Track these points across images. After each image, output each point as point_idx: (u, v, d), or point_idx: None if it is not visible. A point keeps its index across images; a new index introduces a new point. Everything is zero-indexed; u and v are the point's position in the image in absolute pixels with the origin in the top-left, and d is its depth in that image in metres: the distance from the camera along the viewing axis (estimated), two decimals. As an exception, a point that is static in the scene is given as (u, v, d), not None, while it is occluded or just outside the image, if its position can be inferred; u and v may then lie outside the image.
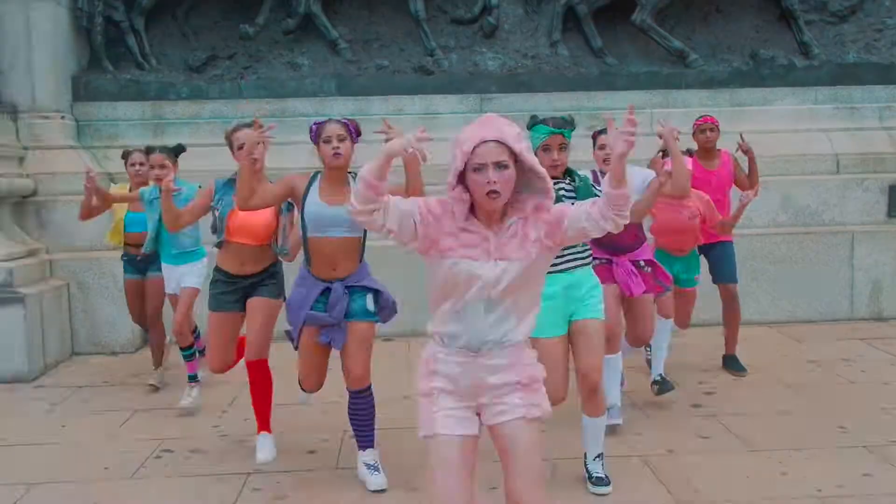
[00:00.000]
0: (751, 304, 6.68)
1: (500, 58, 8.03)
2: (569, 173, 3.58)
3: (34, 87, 7.14)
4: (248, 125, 4.03)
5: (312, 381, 3.90)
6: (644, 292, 4.34)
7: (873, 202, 7.42)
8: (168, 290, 5.29)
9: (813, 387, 5.18)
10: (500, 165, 2.24)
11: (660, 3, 7.86)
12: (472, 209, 2.36)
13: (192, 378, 5.08)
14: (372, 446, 3.86)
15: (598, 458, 3.71)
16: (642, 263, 4.37)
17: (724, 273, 5.54)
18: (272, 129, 3.79)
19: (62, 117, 7.29)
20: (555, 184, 3.07)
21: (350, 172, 3.67)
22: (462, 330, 2.34)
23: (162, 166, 5.02)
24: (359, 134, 3.71)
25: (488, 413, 2.38)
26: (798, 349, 6.23)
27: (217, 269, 4.27)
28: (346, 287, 3.67)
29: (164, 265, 5.23)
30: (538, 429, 2.38)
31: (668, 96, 7.82)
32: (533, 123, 3.58)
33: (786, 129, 7.67)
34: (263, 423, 4.23)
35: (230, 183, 4.17)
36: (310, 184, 3.64)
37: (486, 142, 2.25)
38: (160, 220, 4.81)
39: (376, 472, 3.78)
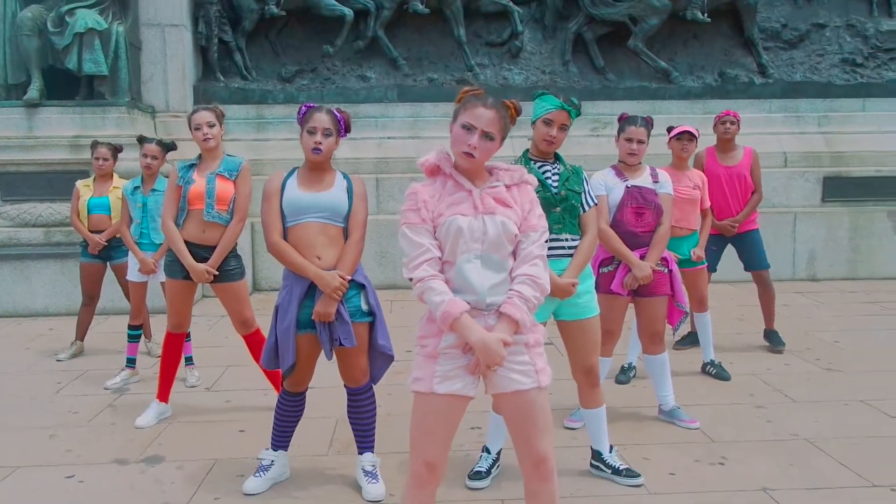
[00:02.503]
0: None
1: (524, 73, 9.61)
2: (557, 158, 3.27)
3: (168, 94, 8.72)
4: (206, 107, 4.24)
5: (306, 381, 3.39)
6: (653, 294, 3.97)
7: (811, 190, 9.01)
8: (134, 278, 5.16)
9: (760, 317, 6.70)
10: (487, 135, 2.29)
11: (649, 31, 9.41)
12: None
13: (131, 362, 5.13)
14: (371, 450, 3.41)
15: (613, 451, 3.48)
16: (659, 264, 3.96)
17: (753, 261, 5.56)
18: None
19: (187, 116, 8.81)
20: (541, 165, 3.20)
21: (343, 174, 3.34)
22: (465, 287, 2.27)
23: (154, 157, 5.05)
24: (348, 130, 3.30)
25: (496, 377, 2.30)
26: (749, 298, 7.77)
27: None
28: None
29: (143, 252, 5.06)
30: (546, 392, 2.35)
31: (654, 105, 9.38)
32: (541, 94, 3.18)
33: (746, 133, 9.11)
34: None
35: (192, 167, 4.14)
36: (287, 178, 3.24)
37: (486, 107, 2.29)
38: (144, 209, 5.06)
39: (374, 481, 3.32)
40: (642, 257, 3.90)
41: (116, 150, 5.75)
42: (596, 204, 3.32)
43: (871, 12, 9.94)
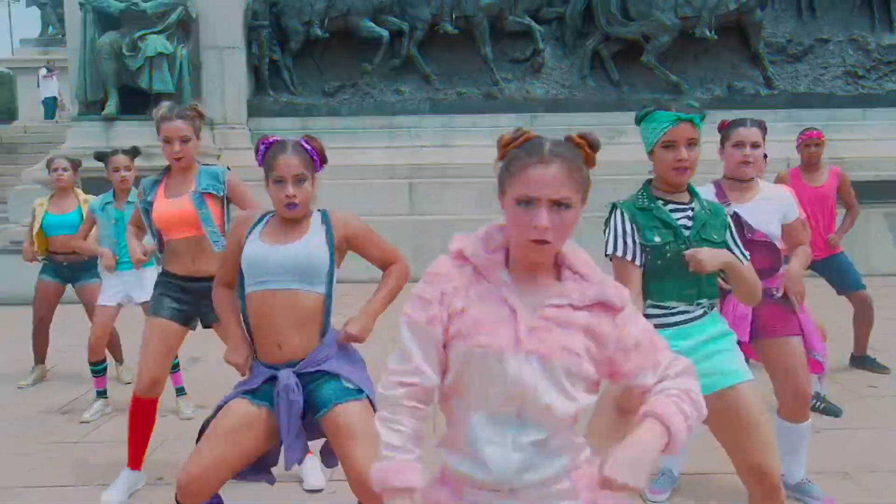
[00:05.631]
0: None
1: (545, 87, 10.43)
2: (691, 192, 2.37)
3: (225, 108, 9.72)
4: (181, 116, 3.22)
5: (205, 485, 2.26)
6: (773, 335, 2.92)
7: (812, 193, 9.65)
8: (108, 302, 4.49)
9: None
10: (559, 204, 1.40)
11: (661, 48, 10.17)
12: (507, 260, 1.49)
13: (102, 393, 4.58)
14: None
15: None
16: (774, 291, 2.97)
17: (847, 282, 5.03)
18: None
19: (242, 128, 9.83)
20: (674, 208, 2.31)
21: (320, 211, 2.48)
22: (476, 459, 1.44)
23: (127, 168, 4.57)
24: (323, 161, 2.45)
25: None
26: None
27: (163, 273, 3.39)
28: (299, 376, 2.32)
29: (117, 272, 4.41)
30: None
31: (666, 116, 10.09)
32: (645, 113, 2.35)
33: (752, 140, 9.88)
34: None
35: (156, 183, 3.34)
36: (255, 225, 2.42)
37: (544, 163, 1.40)
38: (119, 225, 4.45)
39: None
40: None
41: (75, 163, 5.30)
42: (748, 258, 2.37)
43: (872, 27, 10.56)
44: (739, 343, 2.50)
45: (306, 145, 2.39)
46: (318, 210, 2.46)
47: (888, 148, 9.87)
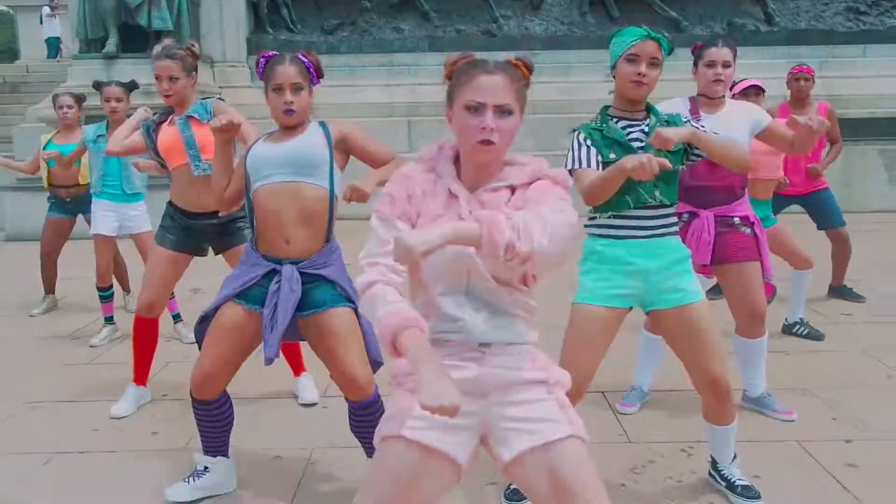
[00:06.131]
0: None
1: (544, 24, 10.38)
2: (651, 112, 2.43)
3: (224, 45, 9.75)
4: (171, 55, 3.29)
5: (215, 382, 2.53)
6: (733, 260, 3.10)
7: (808, 130, 9.69)
8: (103, 231, 4.71)
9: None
10: (503, 110, 1.56)
11: (662, -16, 10.10)
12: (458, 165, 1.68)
13: (109, 320, 4.84)
14: None
15: (735, 460, 2.68)
16: (737, 220, 3.13)
17: (829, 218, 5.09)
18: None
19: (242, 66, 9.86)
20: (627, 125, 2.40)
21: (320, 123, 2.56)
22: (444, 318, 1.61)
23: (118, 99, 4.61)
24: (320, 76, 2.54)
25: (499, 436, 1.60)
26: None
27: (169, 204, 3.48)
28: (301, 272, 2.44)
29: (104, 202, 4.69)
30: (583, 446, 1.58)
31: (665, 53, 10.08)
32: (616, 31, 2.43)
33: (749, 77, 9.87)
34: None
35: (161, 121, 3.47)
36: (258, 139, 2.57)
37: (489, 73, 1.56)
38: (109, 158, 4.60)
39: None
40: (719, 218, 3.12)
41: (80, 99, 5.35)
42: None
43: (877, -39, 10.42)
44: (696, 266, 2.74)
45: (303, 58, 2.50)
46: (318, 122, 2.58)
47: (886, 85, 9.86)
